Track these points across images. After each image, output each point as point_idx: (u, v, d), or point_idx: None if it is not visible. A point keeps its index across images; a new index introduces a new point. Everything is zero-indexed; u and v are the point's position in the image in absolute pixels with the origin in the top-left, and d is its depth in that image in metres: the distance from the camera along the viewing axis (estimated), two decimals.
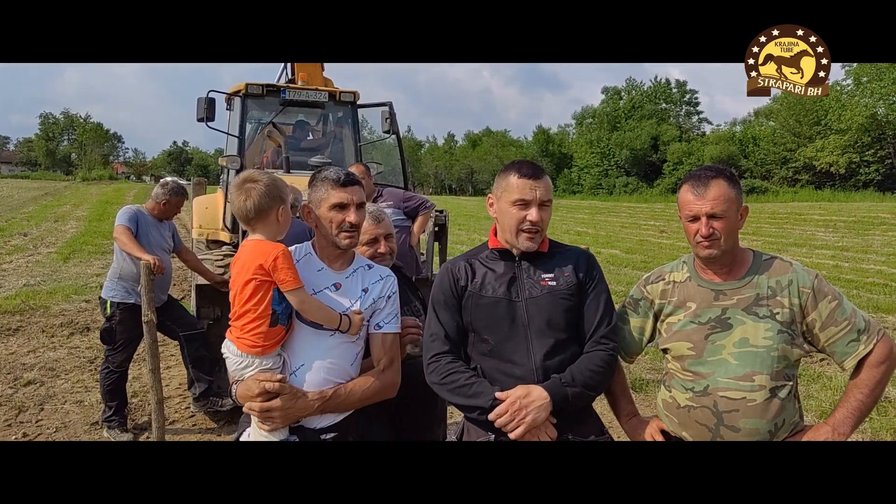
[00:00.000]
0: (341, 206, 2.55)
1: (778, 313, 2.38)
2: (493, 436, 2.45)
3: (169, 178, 6.08)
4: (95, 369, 7.08)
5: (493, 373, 2.50)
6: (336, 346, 2.54)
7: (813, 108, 52.19)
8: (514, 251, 2.58)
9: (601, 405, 2.85)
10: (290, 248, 2.53)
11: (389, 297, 2.65)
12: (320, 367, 2.52)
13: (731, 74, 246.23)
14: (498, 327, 2.51)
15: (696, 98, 72.87)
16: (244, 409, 2.51)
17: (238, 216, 2.53)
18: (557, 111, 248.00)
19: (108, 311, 5.56)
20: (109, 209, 26.45)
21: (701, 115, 73.21)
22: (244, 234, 2.64)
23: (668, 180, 57.35)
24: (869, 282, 12.91)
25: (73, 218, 25.10)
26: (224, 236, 7.54)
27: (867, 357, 2.37)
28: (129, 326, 5.49)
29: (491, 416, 2.38)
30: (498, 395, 2.40)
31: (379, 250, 2.89)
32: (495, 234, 2.65)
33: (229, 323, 2.51)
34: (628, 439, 2.73)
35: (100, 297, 5.77)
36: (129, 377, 5.92)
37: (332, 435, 2.54)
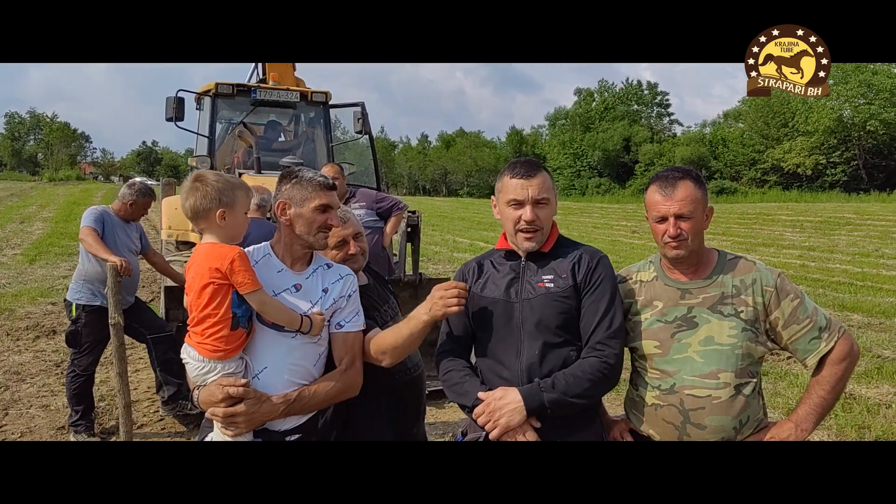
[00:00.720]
0: (325, 208, 2.55)
1: (742, 311, 2.42)
2: (483, 434, 2.46)
3: (137, 179, 6.00)
4: (62, 373, 6.96)
5: (486, 373, 2.53)
6: (298, 347, 2.52)
7: (780, 111, 53.16)
8: (521, 252, 2.57)
9: None
10: (247, 250, 2.50)
11: (350, 296, 2.62)
12: (283, 369, 2.50)
13: (700, 76, 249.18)
14: (494, 327, 2.52)
15: (667, 100, 73.99)
16: (207, 415, 2.48)
17: (186, 216, 2.54)
18: (530, 112, 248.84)
19: (74, 313, 5.48)
20: (77, 210, 25.98)
21: (672, 117, 74.31)
22: None
23: (639, 181, 57.93)
24: (835, 281, 13.18)
25: (39, 219, 24.68)
26: (194, 237, 7.46)
27: (828, 354, 2.41)
28: (96, 329, 5.41)
29: (473, 415, 2.42)
30: (480, 394, 2.43)
31: (350, 252, 2.83)
32: (506, 237, 2.64)
33: (188, 329, 2.47)
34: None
35: (65, 300, 5.68)
36: (96, 381, 5.84)
37: (297, 436, 2.52)
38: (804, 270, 14.52)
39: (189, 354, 2.45)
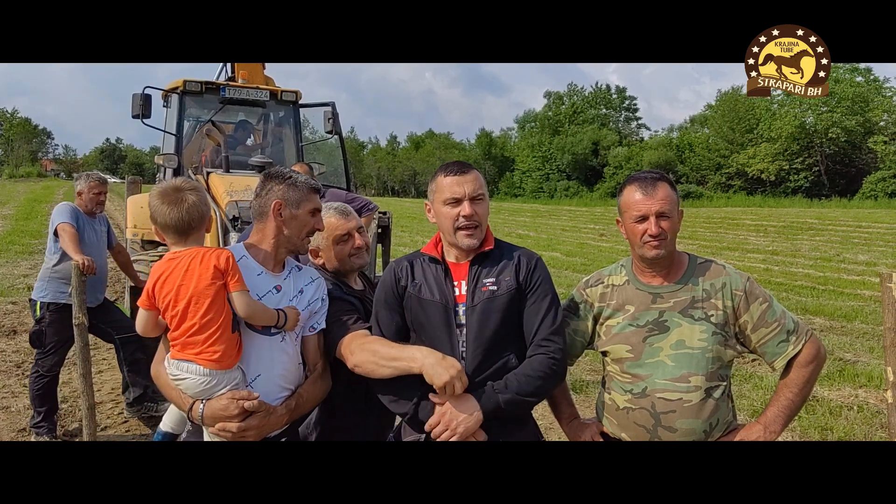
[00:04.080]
0: (316, 212, 2.57)
1: (712, 315, 2.45)
2: (424, 436, 2.44)
3: (83, 173, 5.87)
4: (23, 374, 6.81)
5: None
6: (286, 350, 2.50)
7: (745, 117, 54.01)
8: (459, 255, 2.55)
9: (542, 408, 2.86)
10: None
11: (323, 298, 2.62)
12: (276, 374, 2.48)
13: (666, 81, 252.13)
14: (433, 330, 2.49)
15: (635, 104, 74.63)
16: (213, 431, 2.38)
17: (172, 226, 2.41)
18: (500, 114, 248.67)
19: (39, 312, 5.36)
20: (38, 208, 25.47)
21: (640, 121, 75.02)
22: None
23: (607, 184, 58.32)
24: (798, 285, 13.41)
25: None
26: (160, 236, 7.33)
27: (796, 357, 2.44)
28: (61, 328, 5.28)
29: (426, 427, 2.38)
30: (432, 398, 2.39)
31: (356, 245, 2.83)
32: (437, 240, 2.62)
33: (174, 343, 2.37)
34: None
35: (30, 299, 5.56)
36: (59, 382, 5.71)
37: (283, 440, 2.52)
38: (768, 274, 14.77)
39: (188, 370, 2.35)
